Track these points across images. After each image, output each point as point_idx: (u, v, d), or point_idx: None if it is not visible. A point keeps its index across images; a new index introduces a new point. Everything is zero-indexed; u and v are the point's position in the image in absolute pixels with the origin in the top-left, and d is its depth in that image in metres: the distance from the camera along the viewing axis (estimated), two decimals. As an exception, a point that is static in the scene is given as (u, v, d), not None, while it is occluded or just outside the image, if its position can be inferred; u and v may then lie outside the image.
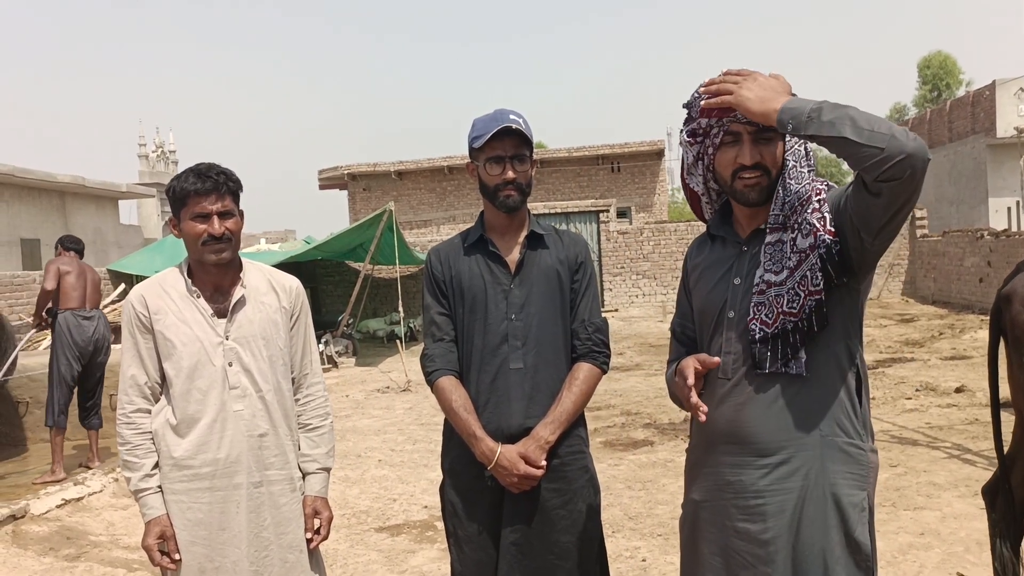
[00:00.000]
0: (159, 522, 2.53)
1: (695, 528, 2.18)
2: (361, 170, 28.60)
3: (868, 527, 2.01)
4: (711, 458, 2.13)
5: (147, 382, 2.59)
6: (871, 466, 2.04)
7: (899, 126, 1.78)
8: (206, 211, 2.52)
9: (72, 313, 7.18)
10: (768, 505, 2.00)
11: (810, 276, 1.95)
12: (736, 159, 2.04)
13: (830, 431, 1.99)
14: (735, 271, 2.11)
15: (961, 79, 48.43)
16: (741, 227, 2.16)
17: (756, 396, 2.02)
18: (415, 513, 5.91)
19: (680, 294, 2.37)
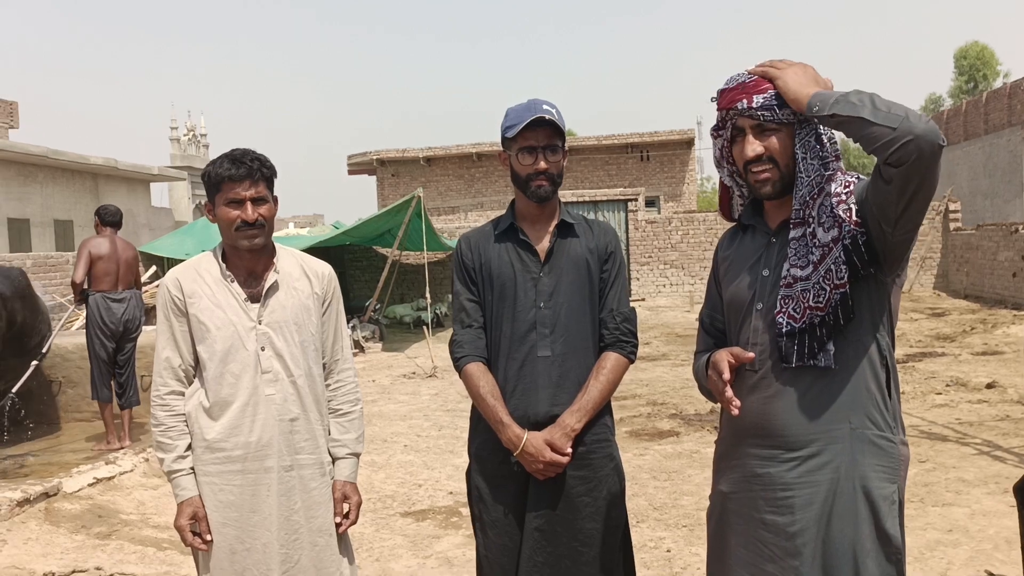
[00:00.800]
0: (191, 503, 2.57)
1: (723, 520, 2.18)
2: (390, 156, 28.69)
3: (898, 520, 2.00)
4: (740, 450, 2.13)
5: (181, 364, 2.62)
6: (901, 459, 2.03)
7: (917, 111, 1.78)
8: (240, 197, 2.55)
9: (103, 295, 7.33)
10: (796, 498, 2.00)
11: (835, 269, 1.95)
12: (743, 152, 2.08)
13: (860, 424, 1.98)
14: (764, 262, 2.12)
15: (999, 70, 47.63)
16: (771, 218, 2.16)
17: (785, 389, 2.02)
18: (440, 499, 5.95)
19: (710, 285, 2.37)
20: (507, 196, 28.70)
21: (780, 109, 2.01)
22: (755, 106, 2.03)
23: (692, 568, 4.43)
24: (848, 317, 1.96)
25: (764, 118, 2.03)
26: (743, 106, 2.04)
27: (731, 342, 2.18)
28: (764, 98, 2.02)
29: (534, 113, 2.61)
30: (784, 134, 2.04)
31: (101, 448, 7.32)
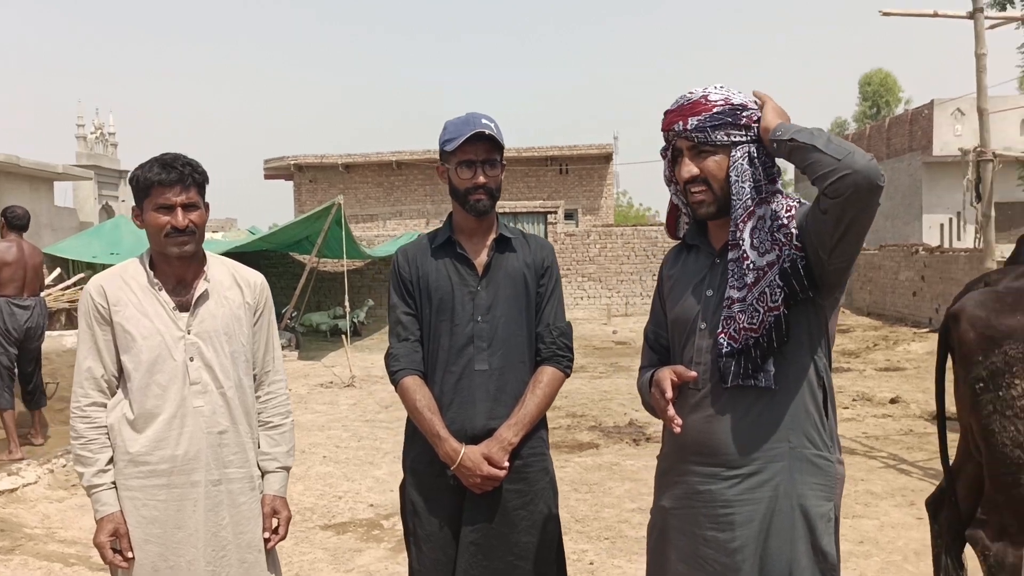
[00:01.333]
0: (112, 519, 2.47)
1: (664, 535, 2.20)
2: (308, 161, 28.25)
3: (834, 537, 2.06)
4: (682, 467, 2.16)
5: (104, 375, 2.53)
6: (838, 477, 2.09)
7: (863, 152, 1.85)
8: (170, 202, 2.47)
9: (7, 301, 7.13)
10: (737, 515, 2.03)
11: (768, 293, 2.00)
12: (680, 174, 2.13)
13: (799, 443, 2.03)
14: (708, 282, 2.16)
15: (900, 96, 49.80)
16: (715, 237, 2.20)
17: (726, 408, 2.06)
18: (361, 511, 5.87)
19: (655, 301, 2.40)
20: (426, 206, 28.60)
21: (714, 131, 2.06)
22: (689, 128, 2.08)
23: (615, 580, 4.47)
24: (782, 340, 2.01)
25: (698, 139, 2.08)
26: (679, 128, 2.10)
27: (675, 360, 2.21)
28: (699, 120, 2.07)
29: (473, 127, 2.61)
30: (721, 156, 2.08)
31: (2, 458, 7.00)
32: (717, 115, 2.06)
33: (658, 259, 20.93)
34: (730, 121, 2.06)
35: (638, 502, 5.86)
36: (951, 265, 15.73)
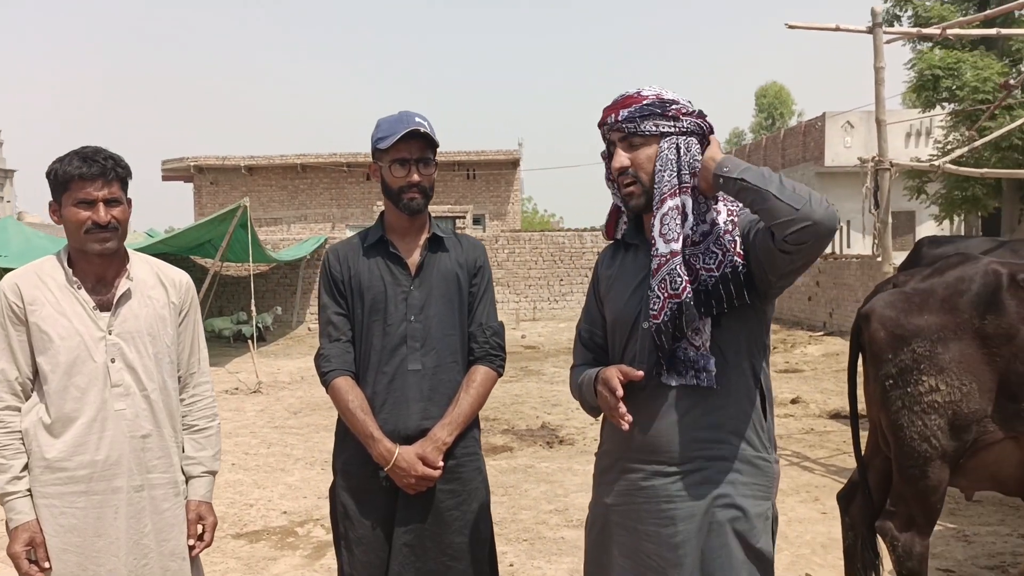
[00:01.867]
0: (28, 528, 2.36)
1: (605, 531, 2.21)
2: (209, 163, 27.48)
3: (771, 535, 2.12)
4: (623, 464, 2.18)
5: (18, 377, 2.41)
6: (775, 476, 2.15)
7: (818, 196, 1.88)
8: (91, 197, 2.38)
9: None
10: (679, 510, 2.06)
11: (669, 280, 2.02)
12: (612, 164, 2.17)
13: (739, 444, 2.08)
14: (648, 281, 2.16)
15: (794, 109, 51.78)
16: None
17: (669, 407, 2.09)
18: (274, 519, 5.74)
19: (590, 301, 2.41)
20: (332, 210, 28.20)
21: (643, 121, 2.10)
22: (620, 119, 2.12)
23: (535, 580, 4.50)
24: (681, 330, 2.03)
25: (628, 129, 2.11)
26: (612, 119, 2.14)
27: (615, 359, 2.22)
28: (629, 111, 2.11)
29: (408, 126, 2.60)
30: (651, 148, 2.11)
31: None
32: (647, 106, 2.10)
33: (565, 264, 21.18)
34: (659, 112, 2.09)
35: (554, 503, 5.92)
36: (844, 271, 16.43)
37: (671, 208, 2.06)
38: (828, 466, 6.69)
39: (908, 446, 3.07)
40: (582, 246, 21.31)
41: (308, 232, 26.59)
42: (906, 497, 3.13)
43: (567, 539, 5.17)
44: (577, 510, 5.74)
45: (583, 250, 21.28)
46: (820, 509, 5.51)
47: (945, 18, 17.04)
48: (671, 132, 2.10)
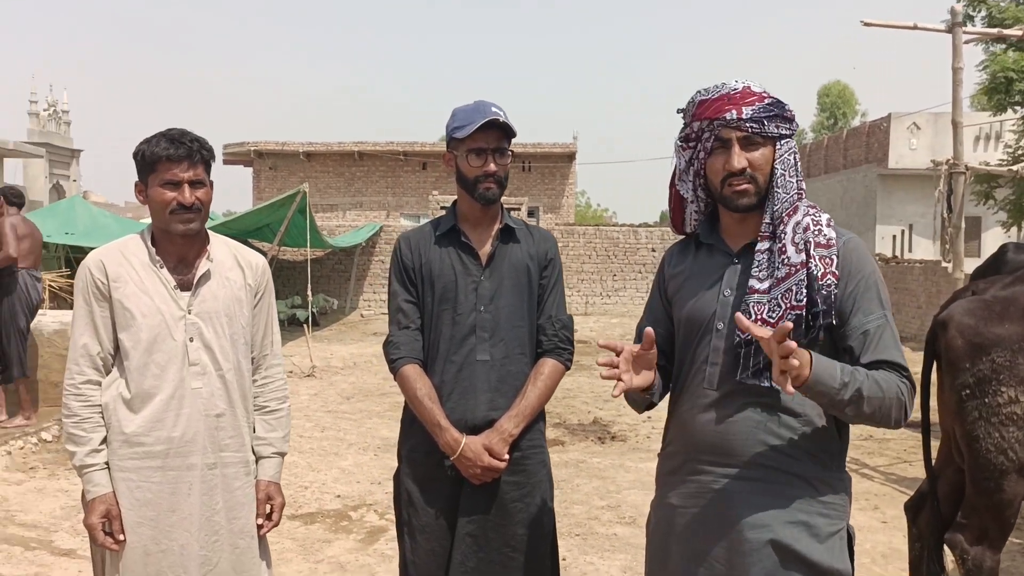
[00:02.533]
0: (104, 500, 2.41)
1: (669, 533, 2.16)
2: (269, 148, 27.93)
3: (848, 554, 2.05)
4: (692, 465, 2.12)
5: (99, 352, 2.46)
6: (847, 495, 2.07)
7: (900, 397, 1.92)
8: (177, 179, 2.42)
9: (28, 272, 7.38)
10: (749, 518, 2.00)
11: (795, 290, 1.96)
12: (725, 165, 2.04)
13: (813, 459, 2.02)
14: (725, 283, 2.10)
15: (857, 109, 50.77)
16: (731, 237, 2.15)
17: (745, 412, 2.03)
18: (328, 502, 5.81)
19: (654, 299, 2.35)
20: (387, 198, 28.43)
21: (768, 122, 2.02)
22: (744, 117, 2.01)
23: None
24: (799, 339, 1.95)
25: (752, 130, 2.01)
26: (732, 117, 2.02)
27: (684, 358, 2.18)
28: (753, 110, 2.01)
29: (485, 115, 2.59)
30: (768, 149, 2.04)
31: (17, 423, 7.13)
32: (770, 106, 2.02)
33: (619, 259, 21.08)
34: (778, 113, 2.02)
35: (607, 500, 5.89)
36: (906, 276, 16.08)
37: (805, 213, 2.02)
38: (888, 474, 6.56)
39: (984, 458, 2.99)
40: (637, 242, 21.18)
41: (363, 219, 26.85)
42: (979, 509, 3.05)
43: (620, 536, 5.15)
44: (630, 507, 5.71)
45: (637, 246, 21.15)
46: (880, 518, 5.40)
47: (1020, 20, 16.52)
48: (788, 135, 2.05)
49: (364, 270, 20.65)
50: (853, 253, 2.03)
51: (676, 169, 2.25)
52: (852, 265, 2.01)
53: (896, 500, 5.84)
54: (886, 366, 1.95)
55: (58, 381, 7.54)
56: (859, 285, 2.00)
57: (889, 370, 1.95)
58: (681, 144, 2.19)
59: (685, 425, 2.14)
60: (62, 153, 33.35)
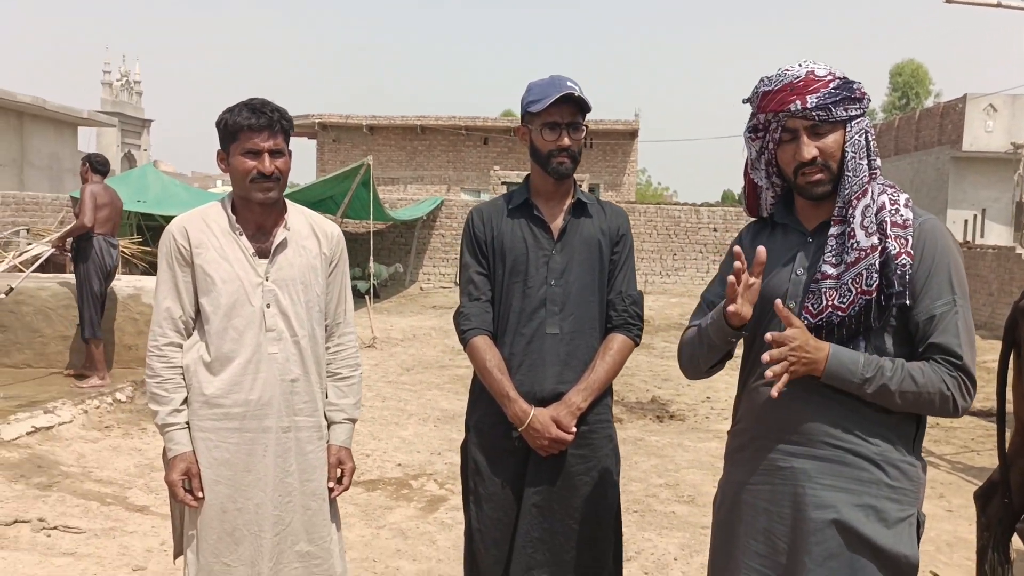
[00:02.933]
0: (185, 458, 2.50)
1: (735, 510, 2.17)
2: (333, 121, 28.21)
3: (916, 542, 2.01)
4: (760, 443, 2.11)
5: (181, 316, 2.54)
6: (920, 482, 2.04)
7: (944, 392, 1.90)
8: (258, 148, 2.47)
9: (104, 238, 7.59)
10: (816, 497, 1.99)
11: (865, 275, 1.95)
12: (795, 156, 2.02)
13: (886, 443, 1.99)
14: (799, 262, 2.09)
15: (931, 89, 49.26)
16: (806, 218, 2.13)
17: (816, 391, 1.99)
18: (389, 470, 5.91)
19: (726, 271, 2.25)
20: (448, 172, 28.53)
21: (835, 108, 1.99)
22: (810, 106, 1.99)
23: (646, 553, 4.51)
24: (868, 325, 1.96)
25: (819, 118, 1.99)
26: (797, 108, 1.99)
27: (756, 337, 2.14)
28: (818, 97, 1.99)
29: (560, 90, 2.59)
30: (838, 133, 2.01)
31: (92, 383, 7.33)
32: (835, 90, 1.99)
33: (680, 239, 20.87)
34: (847, 95, 1.99)
35: (665, 478, 5.89)
36: (979, 262, 15.63)
37: (873, 198, 1.99)
38: (954, 463, 6.44)
39: (1060, 448, 2.92)
40: (698, 221, 20.94)
41: (424, 193, 27.01)
42: (1053, 501, 2.98)
43: (678, 514, 5.15)
44: (688, 486, 5.70)
45: (699, 225, 20.91)
46: (946, 507, 5.31)
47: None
48: (857, 115, 2.01)
49: (424, 244, 20.80)
50: (929, 234, 2.00)
51: (748, 159, 2.23)
52: (927, 246, 1.98)
53: (962, 489, 5.73)
54: (939, 354, 1.92)
55: (131, 344, 7.80)
56: (932, 267, 1.97)
57: (940, 360, 1.92)
58: (750, 135, 2.17)
59: (754, 403, 2.14)
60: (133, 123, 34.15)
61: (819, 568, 1.97)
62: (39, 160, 25.72)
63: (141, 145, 34.88)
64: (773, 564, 2.06)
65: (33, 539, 4.27)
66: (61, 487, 4.98)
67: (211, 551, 2.50)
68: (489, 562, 2.64)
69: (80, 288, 7.51)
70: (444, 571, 4.18)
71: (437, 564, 4.27)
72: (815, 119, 1.99)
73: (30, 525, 4.36)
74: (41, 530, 4.34)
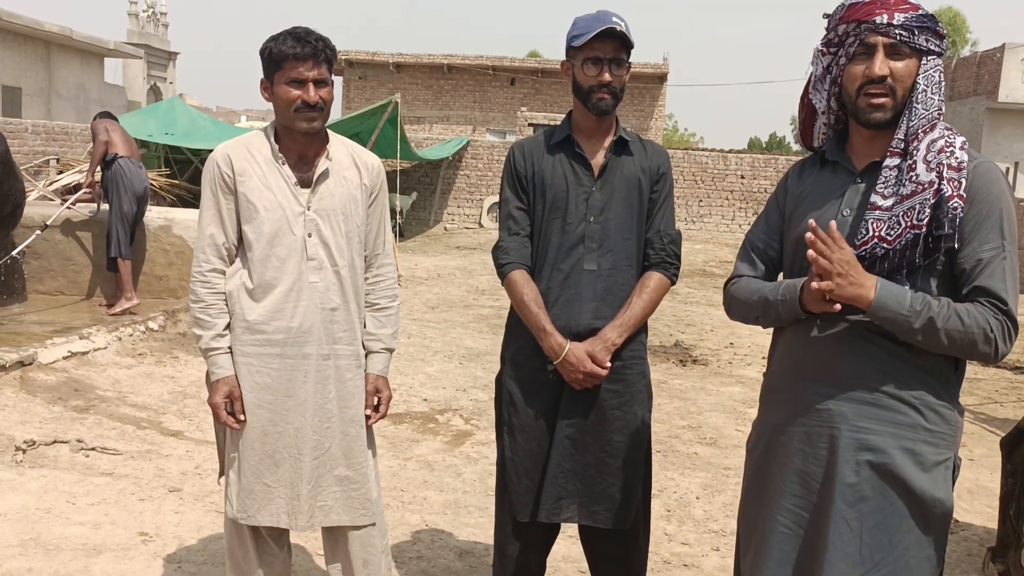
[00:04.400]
0: (227, 382, 2.55)
1: (769, 450, 2.16)
2: (359, 58, 27.98)
3: (951, 485, 2.01)
4: (797, 385, 2.10)
5: (224, 243, 2.57)
6: (957, 427, 2.02)
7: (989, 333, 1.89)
8: (302, 77, 2.47)
9: (127, 159, 7.67)
10: (852, 440, 1.98)
11: (918, 208, 1.91)
12: (865, 71, 1.97)
13: (925, 387, 1.97)
14: (845, 202, 2.06)
15: (968, 38, 48.07)
16: (857, 156, 2.09)
17: (855, 333, 1.99)
18: (415, 405, 6.01)
19: (771, 212, 2.28)
20: (474, 112, 28.32)
21: (920, 33, 1.94)
22: (895, 23, 1.93)
23: (668, 491, 4.58)
24: (913, 261, 1.93)
25: (901, 38, 1.93)
26: (883, 20, 1.94)
27: (795, 276, 2.13)
28: (906, 17, 1.93)
29: (603, 24, 2.57)
30: (912, 62, 1.96)
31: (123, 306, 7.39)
32: (923, 17, 1.93)
33: (706, 185, 20.70)
34: (931, 27, 1.94)
35: (688, 420, 5.96)
36: (1008, 216, 15.42)
37: (941, 134, 1.95)
38: (978, 413, 6.45)
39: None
40: (725, 168, 20.73)
41: (450, 133, 26.84)
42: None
43: (700, 455, 5.22)
44: (710, 428, 5.77)
45: (726, 172, 20.70)
46: (968, 455, 5.33)
47: None
48: (936, 52, 1.97)
49: (449, 184, 20.75)
50: (983, 177, 1.96)
51: (811, 77, 2.17)
52: (980, 190, 1.94)
53: (984, 439, 5.76)
54: (984, 297, 1.91)
55: (162, 274, 7.89)
56: (982, 211, 1.94)
57: (986, 303, 1.90)
58: (822, 49, 2.10)
59: (791, 344, 2.13)
60: (159, 55, 34.00)
61: (850, 509, 1.98)
62: (66, 90, 25.77)
63: (167, 78, 34.78)
64: (806, 504, 2.06)
65: (72, 459, 4.41)
66: (98, 410, 5.11)
67: (252, 472, 2.58)
68: (520, 491, 2.70)
69: (110, 209, 7.58)
70: (470, 502, 4.28)
71: (463, 495, 4.37)
72: (897, 38, 1.94)
73: (69, 445, 4.49)
74: (80, 451, 4.47)
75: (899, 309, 1.89)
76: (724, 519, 4.24)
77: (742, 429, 5.78)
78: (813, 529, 2.04)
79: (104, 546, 3.50)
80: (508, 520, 2.77)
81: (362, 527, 2.70)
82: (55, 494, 3.96)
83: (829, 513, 2.00)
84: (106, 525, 3.69)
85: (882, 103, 1.97)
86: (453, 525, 4.00)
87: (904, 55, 1.96)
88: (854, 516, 1.98)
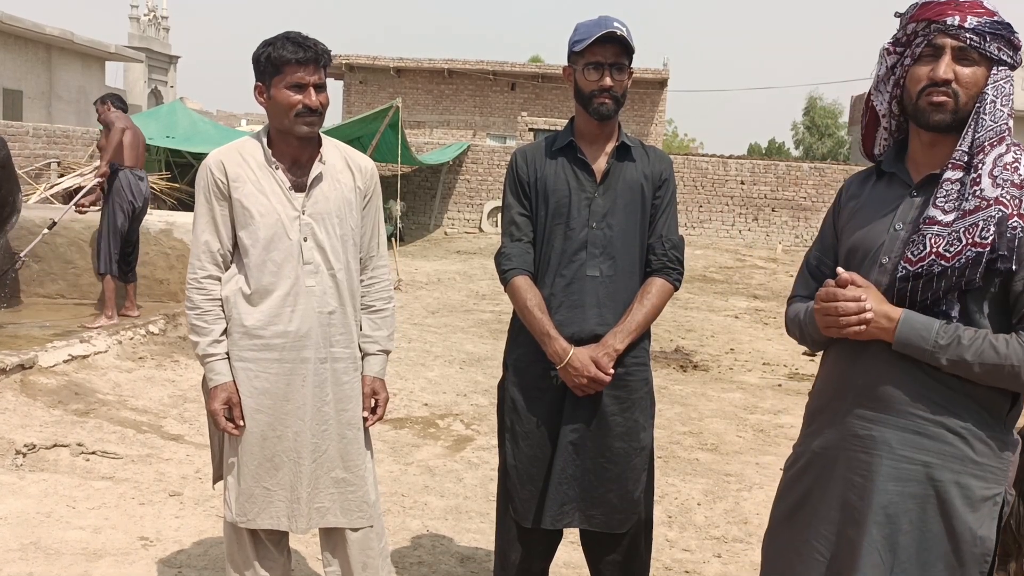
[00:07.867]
0: (226, 388, 2.55)
1: (806, 472, 2.07)
2: (360, 62, 28.00)
3: (996, 523, 1.88)
4: (841, 406, 2.00)
5: (219, 249, 2.58)
6: (1008, 461, 1.90)
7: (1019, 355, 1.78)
8: (304, 82, 2.48)
9: (131, 171, 7.49)
10: (895, 469, 1.89)
11: (982, 225, 1.79)
12: (930, 73, 1.87)
13: (973, 416, 1.86)
14: (899, 216, 1.95)
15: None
16: (915, 167, 1.99)
17: (898, 356, 1.88)
18: (416, 410, 6.00)
19: (826, 228, 2.19)
20: (475, 117, 28.35)
21: (992, 39, 1.84)
22: (967, 26, 1.84)
23: (670, 497, 4.58)
24: (972, 280, 1.82)
25: (971, 42, 1.83)
26: (954, 22, 1.84)
27: None
28: (979, 22, 1.84)
29: (604, 29, 2.57)
30: (981, 70, 1.86)
31: (100, 323, 7.08)
32: (998, 24, 1.84)
33: (706, 190, 20.70)
34: (1005, 35, 1.85)
35: (688, 426, 5.95)
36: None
37: (1008, 149, 1.84)
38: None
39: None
40: (726, 173, 20.73)
41: (450, 138, 26.86)
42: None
43: (701, 461, 5.21)
44: (711, 435, 5.76)
45: (726, 177, 20.70)
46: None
47: None
48: (1008, 63, 1.87)
49: (450, 189, 20.76)
50: None
51: (875, 78, 2.08)
52: None
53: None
54: None
55: (163, 278, 7.90)
56: None
57: None
58: (888, 47, 2.00)
59: (837, 365, 2.04)
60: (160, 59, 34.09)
61: (885, 540, 1.89)
62: (67, 94, 25.80)
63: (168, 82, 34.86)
64: (841, 531, 1.97)
65: (72, 463, 4.40)
66: (98, 414, 5.11)
67: (252, 476, 2.58)
68: (524, 497, 2.69)
69: (102, 221, 7.41)
70: (471, 507, 4.27)
71: (464, 501, 4.36)
72: (966, 42, 1.84)
73: (69, 449, 4.49)
74: (80, 454, 4.47)
75: (923, 344, 1.82)
76: (725, 525, 4.24)
77: (743, 435, 5.78)
78: (844, 555, 1.95)
79: (104, 550, 3.50)
80: (511, 526, 2.77)
81: (359, 529, 2.70)
82: (55, 498, 3.96)
83: (862, 542, 1.91)
84: (106, 529, 3.69)
85: (943, 102, 1.86)
86: (454, 530, 3.99)
87: (972, 61, 1.86)
88: (887, 548, 1.90)
